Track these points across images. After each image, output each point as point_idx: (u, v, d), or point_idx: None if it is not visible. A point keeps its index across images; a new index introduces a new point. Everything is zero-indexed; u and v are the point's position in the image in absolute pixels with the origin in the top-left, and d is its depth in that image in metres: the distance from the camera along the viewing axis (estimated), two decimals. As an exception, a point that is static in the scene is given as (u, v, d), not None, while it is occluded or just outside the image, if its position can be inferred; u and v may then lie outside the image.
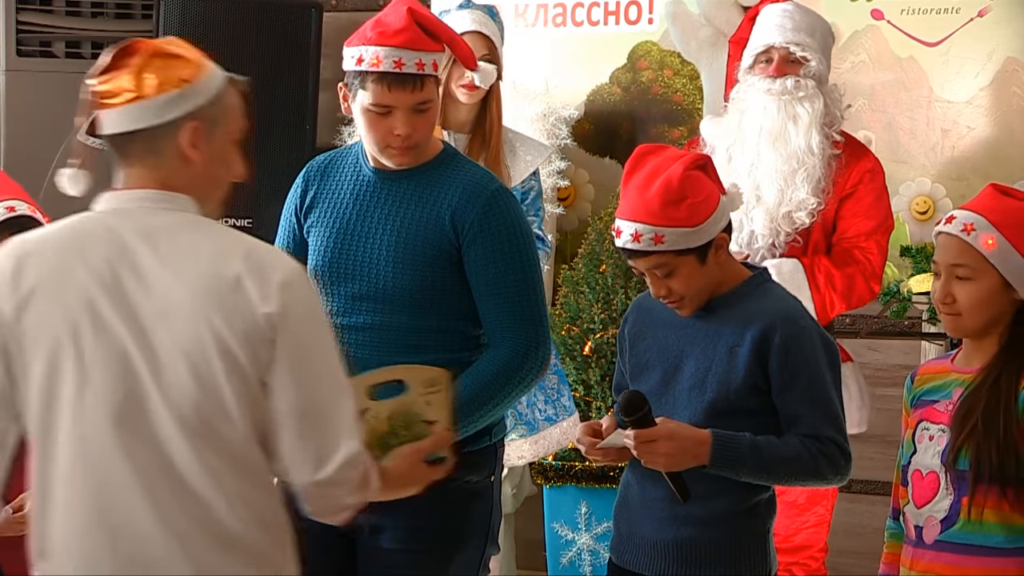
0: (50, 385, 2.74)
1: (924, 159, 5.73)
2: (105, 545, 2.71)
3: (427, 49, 3.79)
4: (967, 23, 5.66)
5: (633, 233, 3.50)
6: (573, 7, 6.21)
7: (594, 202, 6.09)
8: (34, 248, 2.80)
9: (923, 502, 3.42)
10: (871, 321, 5.41)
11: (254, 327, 2.71)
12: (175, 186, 2.81)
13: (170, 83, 2.80)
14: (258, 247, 2.79)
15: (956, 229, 3.40)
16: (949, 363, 3.50)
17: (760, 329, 3.52)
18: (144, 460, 2.70)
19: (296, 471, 2.77)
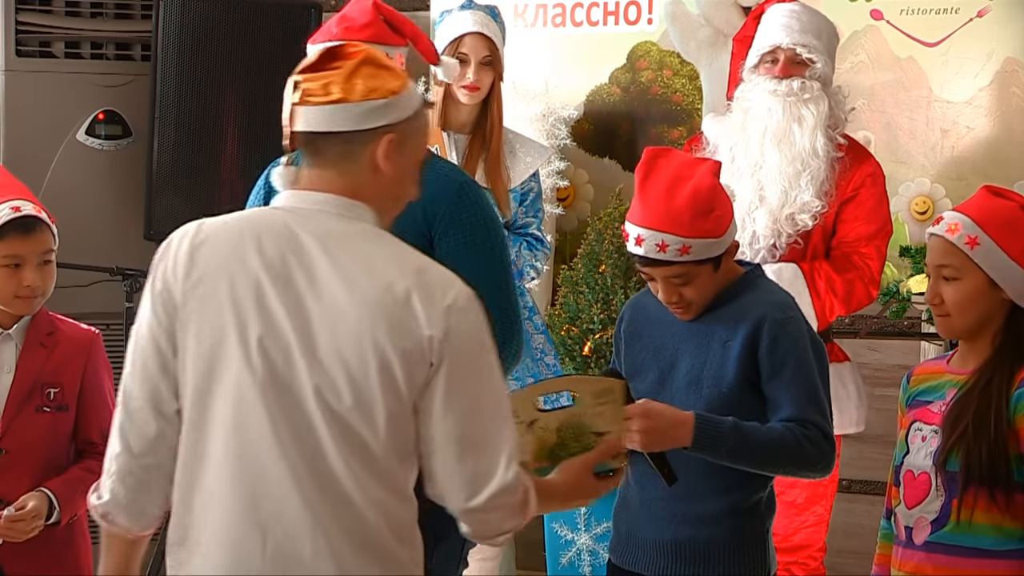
0: (209, 372, 2.75)
1: (923, 159, 5.73)
2: (256, 539, 2.72)
3: (393, 43, 3.84)
4: (966, 23, 5.66)
5: (660, 243, 3.50)
6: (572, 7, 6.22)
7: (593, 202, 6.09)
8: (210, 235, 2.80)
9: (914, 503, 3.42)
10: (870, 321, 5.42)
11: (416, 348, 2.71)
12: (361, 195, 2.82)
13: (377, 92, 2.79)
14: (431, 267, 2.80)
15: (942, 230, 3.41)
16: (945, 364, 3.51)
17: (752, 323, 3.54)
18: (296, 456, 2.71)
19: (450, 497, 2.78)
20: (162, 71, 5.92)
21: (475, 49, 5.13)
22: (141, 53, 6.14)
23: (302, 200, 2.82)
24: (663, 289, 3.57)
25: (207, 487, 2.75)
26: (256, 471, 2.71)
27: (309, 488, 2.70)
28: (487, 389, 2.79)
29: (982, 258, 3.36)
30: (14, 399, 4.14)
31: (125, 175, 6.09)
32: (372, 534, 2.73)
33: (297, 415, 2.71)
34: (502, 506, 2.79)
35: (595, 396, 3.14)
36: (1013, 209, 3.41)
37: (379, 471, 2.73)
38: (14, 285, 4.11)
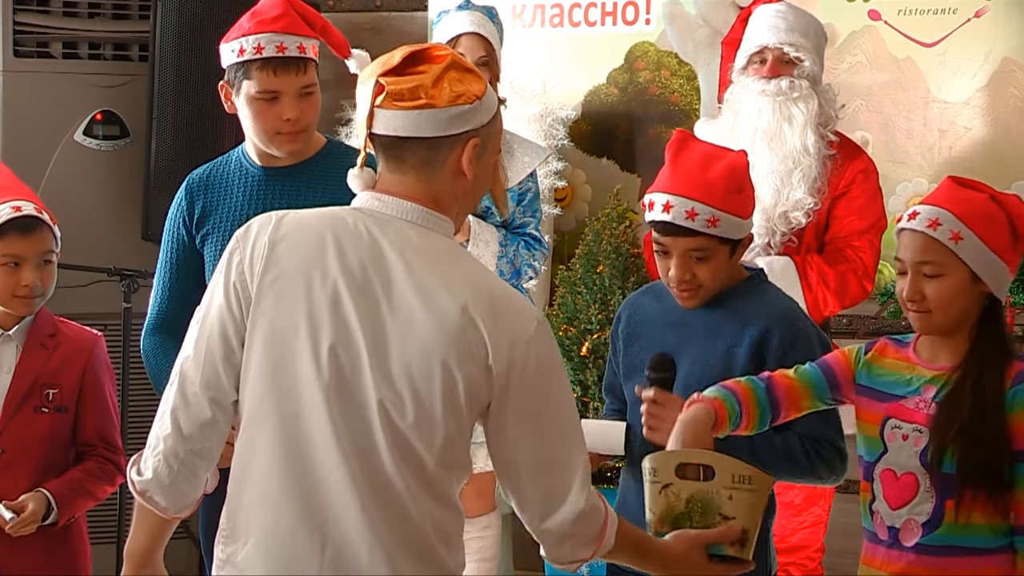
0: (275, 371, 2.75)
1: (921, 159, 5.74)
2: (313, 542, 2.73)
3: (306, 34, 3.90)
4: (964, 23, 5.66)
5: (690, 210, 3.49)
6: (570, 8, 6.22)
7: (591, 203, 6.10)
8: (290, 232, 2.80)
9: (900, 504, 3.38)
10: (868, 321, 5.42)
11: (481, 373, 2.73)
12: (442, 201, 2.82)
13: (464, 97, 2.79)
14: (505, 293, 2.81)
15: (921, 225, 3.34)
16: (912, 353, 3.44)
17: (759, 330, 3.53)
18: (356, 464, 2.71)
19: (526, 517, 2.86)
20: (160, 71, 5.93)
21: (471, 49, 5.14)
22: (139, 53, 6.14)
23: (384, 205, 2.81)
24: (678, 265, 3.54)
25: (257, 484, 2.76)
26: (314, 475, 2.72)
27: (367, 496, 2.71)
28: (555, 414, 2.80)
29: (966, 253, 3.31)
30: (12, 399, 4.14)
31: (123, 175, 6.09)
32: (423, 542, 2.75)
33: (359, 424, 2.72)
34: (576, 534, 2.84)
35: (733, 479, 3.11)
36: (987, 201, 3.37)
37: (430, 482, 2.74)
38: (12, 284, 4.11)
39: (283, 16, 3.91)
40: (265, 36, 3.90)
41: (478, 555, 5.07)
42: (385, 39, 6.30)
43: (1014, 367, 3.33)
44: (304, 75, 3.93)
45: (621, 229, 5.66)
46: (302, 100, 3.94)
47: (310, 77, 3.94)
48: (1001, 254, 3.33)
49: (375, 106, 2.78)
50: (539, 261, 5.31)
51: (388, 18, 6.38)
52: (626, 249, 5.60)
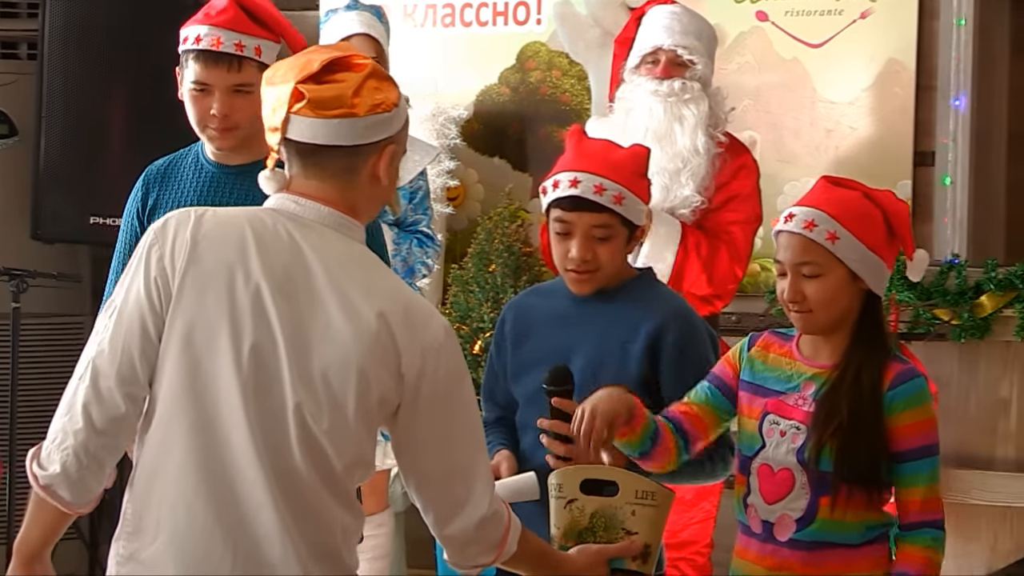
0: (194, 368, 2.74)
1: (808, 158, 5.78)
2: (227, 540, 2.72)
3: (249, 32, 3.89)
4: (850, 25, 5.71)
5: (597, 185, 3.51)
6: (462, 8, 6.23)
7: (483, 202, 6.11)
8: (212, 229, 2.79)
9: (775, 499, 3.39)
10: (756, 319, 5.46)
11: (391, 378, 2.74)
12: (357, 207, 2.84)
13: (383, 105, 2.80)
14: (415, 305, 2.81)
15: (798, 227, 3.35)
16: (794, 349, 3.46)
17: (654, 326, 3.55)
18: (270, 464, 2.71)
19: (429, 523, 2.87)
20: (48, 70, 5.88)
21: (362, 50, 5.11)
22: (27, 52, 6.10)
23: (302, 209, 2.82)
24: (580, 244, 3.54)
25: (170, 481, 2.74)
26: (229, 474, 2.72)
27: (280, 497, 2.71)
28: (460, 421, 2.83)
29: (844, 252, 3.33)
30: None
31: (11, 174, 6.05)
32: (331, 544, 2.77)
33: (274, 426, 2.71)
34: (479, 539, 2.87)
35: (636, 494, 3.13)
36: (860, 199, 3.40)
37: (337, 488, 2.76)
38: None
39: (227, 11, 3.92)
40: (206, 28, 3.90)
41: (371, 553, 5.08)
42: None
43: (892, 367, 3.36)
44: (237, 73, 3.91)
45: (513, 228, 5.69)
46: (233, 97, 3.92)
47: (245, 76, 3.91)
48: (878, 251, 3.36)
49: (291, 112, 2.78)
50: (431, 259, 5.32)
51: (280, 17, 6.36)
52: (518, 248, 5.63)
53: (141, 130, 5.89)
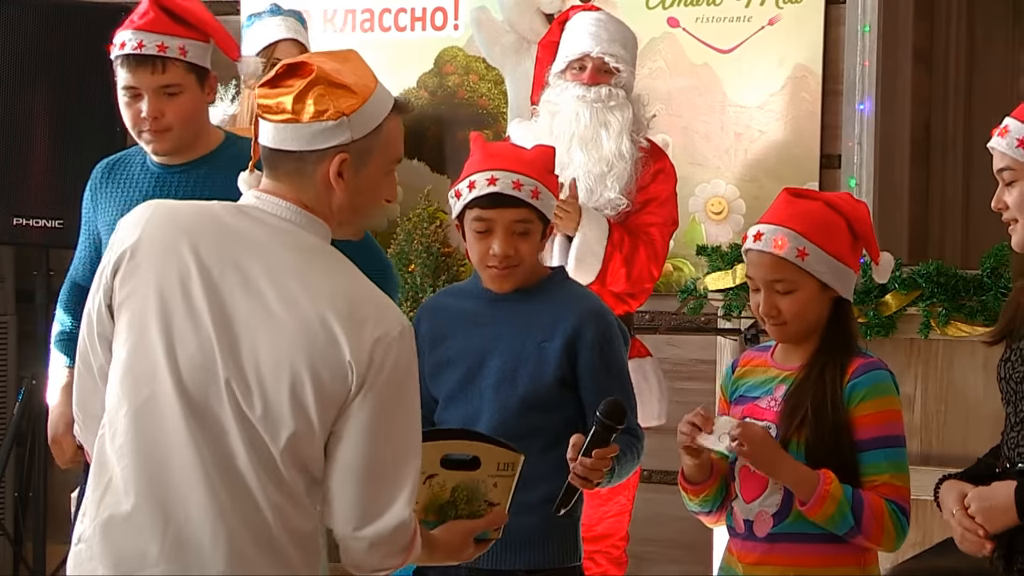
0: (132, 355, 2.76)
1: (718, 162, 5.83)
2: (156, 522, 2.71)
3: (171, 33, 3.92)
4: (758, 31, 5.77)
5: (515, 181, 3.57)
6: (380, 13, 6.25)
7: (403, 203, 6.09)
8: (157, 221, 2.83)
9: (752, 497, 3.45)
10: (669, 317, 5.50)
11: (334, 374, 2.69)
12: (316, 210, 2.80)
13: (327, 114, 2.76)
14: (363, 294, 2.77)
15: (768, 246, 3.42)
16: (769, 357, 3.54)
17: (572, 324, 3.61)
18: (205, 447, 2.70)
19: (342, 522, 2.77)
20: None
21: (289, 55, 5.18)
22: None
23: (261, 202, 2.82)
24: (502, 240, 3.58)
25: (112, 467, 2.75)
26: (164, 455, 2.71)
27: (215, 479, 2.69)
28: (401, 424, 2.77)
29: (814, 266, 3.40)
30: None
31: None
32: (270, 534, 2.71)
33: (208, 410, 2.71)
34: (390, 543, 2.79)
35: (497, 467, 3.11)
36: (822, 209, 3.45)
37: (279, 478, 2.71)
38: None
39: (148, 13, 3.95)
40: (130, 33, 3.94)
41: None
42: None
43: (855, 362, 3.42)
44: (162, 74, 3.94)
45: (432, 229, 5.72)
46: (162, 99, 3.95)
47: (170, 77, 3.95)
48: (844, 259, 3.44)
49: (258, 115, 2.82)
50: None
51: (200, 21, 6.36)
52: (437, 248, 5.66)
53: (63, 132, 5.85)
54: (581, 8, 5.30)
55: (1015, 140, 3.18)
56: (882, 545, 3.38)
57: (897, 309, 4.78)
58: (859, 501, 3.32)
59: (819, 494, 3.30)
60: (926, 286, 4.72)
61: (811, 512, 3.31)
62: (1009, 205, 3.21)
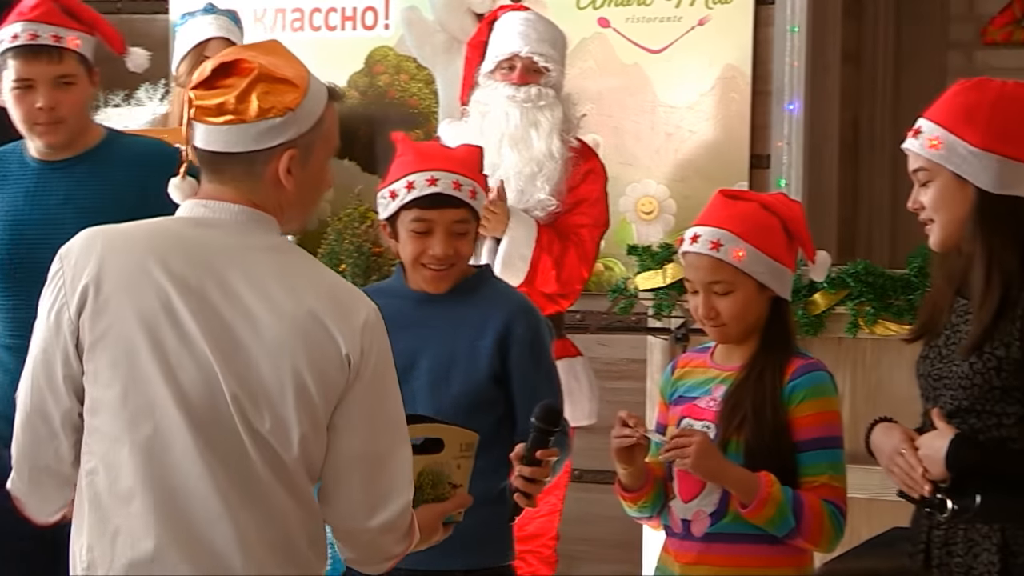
0: (124, 394, 2.64)
1: (649, 161, 5.86)
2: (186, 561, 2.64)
3: (64, 25, 3.91)
4: (688, 31, 5.80)
5: (454, 181, 3.59)
6: (311, 12, 6.24)
7: (333, 203, 6.09)
8: (110, 248, 2.70)
9: (690, 496, 3.46)
10: (600, 317, 5.51)
11: (334, 367, 2.66)
12: (265, 207, 2.73)
13: (273, 110, 2.68)
14: (340, 285, 2.75)
15: (704, 248, 3.45)
16: (709, 358, 3.56)
17: (502, 322, 3.62)
18: (222, 473, 2.63)
19: (351, 515, 2.74)
20: None
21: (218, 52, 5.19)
22: None
23: (210, 211, 2.72)
24: (443, 240, 3.59)
25: (121, 511, 2.66)
26: (180, 489, 2.63)
27: (236, 504, 2.63)
28: (392, 407, 2.76)
29: (751, 267, 3.43)
30: None
31: None
32: (294, 548, 2.69)
33: (221, 433, 2.63)
34: (397, 528, 2.77)
35: (460, 448, 3.11)
36: (758, 211, 3.49)
37: (293, 486, 2.68)
38: None
39: (40, 5, 3.92)
40: (21, 25, 3.91)
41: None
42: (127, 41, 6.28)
43: (794, 362, 3.45)
44: (59, 64, 3.92)
45: (363, 228, 5.72)
46: (58, 90, 3.92)
47: (66, 67, 3.92)
48: (781, 259, 3.47)
49: (191, 119, 2.72)
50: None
51: (129, 20, 6.30)
52: (368, 248, 5.66)
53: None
54: (510, 8, 5.32)
55: (927, 141, 3.22)
56: (820, 546, 3.41)
57: (825, 308, 4.82)
58: (799, 503, 3.35)
59: (760, 497, 3.32)
60: (854, 285, 4.76)
61: (752, 515, 3.33)
62: (925, 205, 3.25)
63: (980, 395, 3.17)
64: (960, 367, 3.20)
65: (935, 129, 3.22)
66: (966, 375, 3.18)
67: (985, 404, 3.18)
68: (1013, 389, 3.16)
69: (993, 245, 3.17)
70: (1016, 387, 3.16)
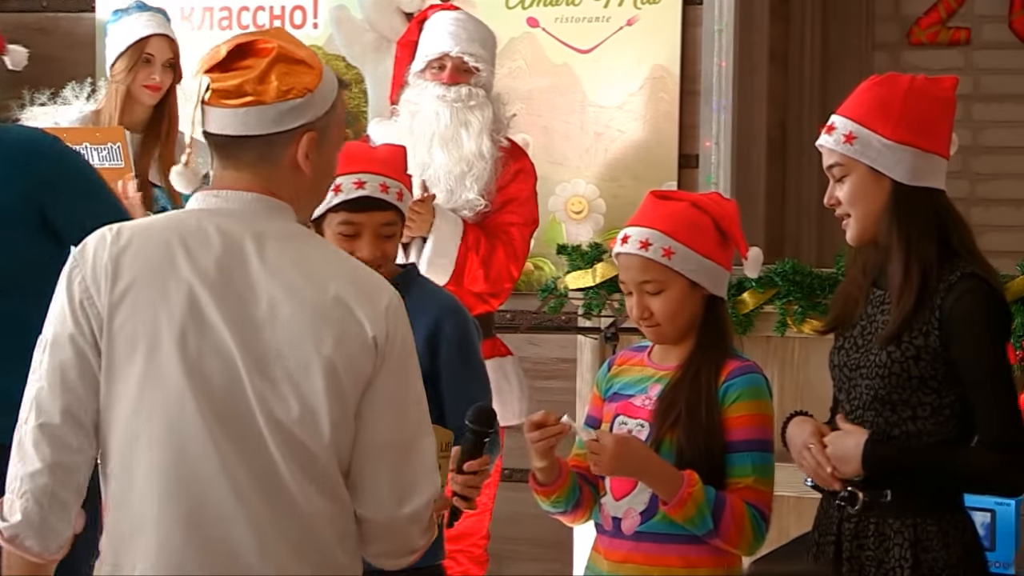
0: (141, 387, 2.60)
1: (579, 161, 5.87)
2: (200, 562, 2.59)
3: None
4: (617, 31, 5.82)
5: (381, 184, 3.59)
6: (239, 11, 6.22)
7: None
8: (132, 241, 2.65)
9: (622, 494, 3.47)
10: (530, 316, 5.52)
11: (361, 351, 2.62)
12: (281, 194, 2.68)
13: (293, 91, 2.64)
14: (362, 269, 2.72)
15: (634, 248, 3.46)
16: (645, 357, 3.57)
17: (432, 320, 3.64)
18: (241, 471, 2.58)
19: (381, 505, 2.68)
20: None
21: (161, 50, 5.17)
22: None
23: (224, 200, 2.68)
24: (370, 243, 3.59)
25: (137, 507, 2.62)
26: (197, 490, 2.58)
27: (255, 504, 2.59)
28: (416, 393, 2.72)
29: (681, 265, 3.44)
30: None
31: None
32: (319, 545, 2.64)
33: (242, 428, 2.59)
34: (422, 519, 2.72)
35: (442, 448, 3.09)
36: (688, 209, 3.50)
37: (322, 480, 2.63)
38: None
39: None
40: None
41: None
42: (53, 40, 6.25)
43: (730, 363, 3.47)
44: None
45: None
46: None
47: None
48: (713, 257, 3.48)
49: (204, 103, 2.66)
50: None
51: (55, 19, 6.29)
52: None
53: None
54: (440, 7, 5.32)
55: (842, 136, 3.27)
56: (739, 548, 3.43)
57: (754, 307, 4.85)
58: (720, 503, 3.36)
59: (681, 496, 3.33)
60: (782, 284, 4.79)
61: (672, 512, 3.35)
62: (841, 200, 3.31)
63: (897, 384, 3.23)
64: (878, 356, 3.25)
65: (848, 124, 3.27)
66: (884, 364, 3.24)
67: (902, 394, 3.24)
68: (930, 379, 3.23)
69: (911, 236, 3.24)
70: (933, 376, 3.22)
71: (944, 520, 3.25)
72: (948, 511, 3.26)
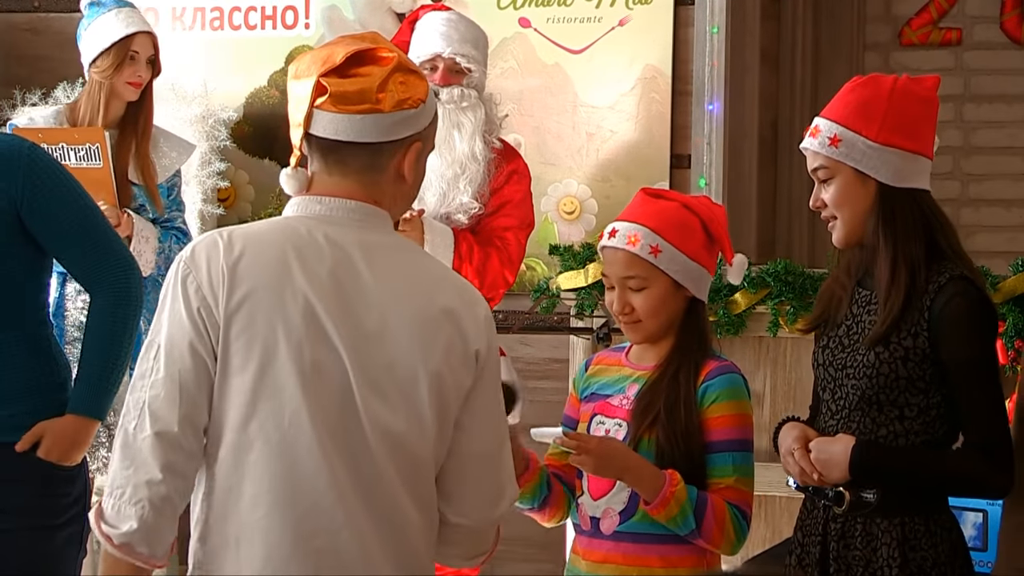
0: (256, 393, 2.60)
1: (570, 161, 5.90)
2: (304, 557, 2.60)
3: None
4: (609, 32, 5.85)
5: None
6: (230, 11, 6.23)
7: (254, 203, 6.12)
8: (247, 248, 2.64)
9: (600, 494, 3.45)
10: (522, 316, 5.54)
11: (464, 363, 2.65)
12: (382, 204, 2.70)
13: (409, 101, 2.67)
14: (459, 279, 2.75)
15: (621, 243, 3.45)
16: (624, 357, 3.56)
17: None
18: (349, 481, 2.59)
19: (478, 510, 2.73)
20: None
21: (145, 47, 5.16)
22: None
23: (328, 208, 2.69)
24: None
25: (245, 514, 2.62)
26: (308, 500, 2.60)
27: (361, 515, 2.60)
28: (500, 400, 2.76)
29: (666, 264, 3.43)
30: None
31: None
32: (414, 556, 2.67)
33: (351, 440, 2.60)
34: (497, 521, 2.78)
35: None
36: (678, 210, 3.49)
37: (420, 491, 2.66)
38: None
39: None
40: None
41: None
42: (44, 39, 6.25)
43: (709, 364, 3.46)
44: None
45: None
46: None
47: None
48: (698, 259, 3.47)
49: (315, 107, 2.66)
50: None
51: (46, 19, 6.30)
52: (288, 249, 5.66)
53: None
54: (431, 8, 5.32)
55: (827, 139, 3.29)
56: (721, 548, 3.43)
57: (746, 307, 4.86)
58: (702, 503, 3.36)
59: (663, 495, 3.34)
60: (774, 285, 4.80)
61: (654, 512, 3.35)
62: (827, 203, 3.32)
63: (885, 384, 3.25)
64: (865, 356, 3.27)
65: (833, 127, 3.29)
66: (872, 364, 3.25)
67: (889, 394, 3.25)
68: (918, 379, 3.24)
69: (897, 237, 3.26)
70: (920, 377, 3.24)
71: (932, 519, 3.26)
72: (935, 510, 3.28)
